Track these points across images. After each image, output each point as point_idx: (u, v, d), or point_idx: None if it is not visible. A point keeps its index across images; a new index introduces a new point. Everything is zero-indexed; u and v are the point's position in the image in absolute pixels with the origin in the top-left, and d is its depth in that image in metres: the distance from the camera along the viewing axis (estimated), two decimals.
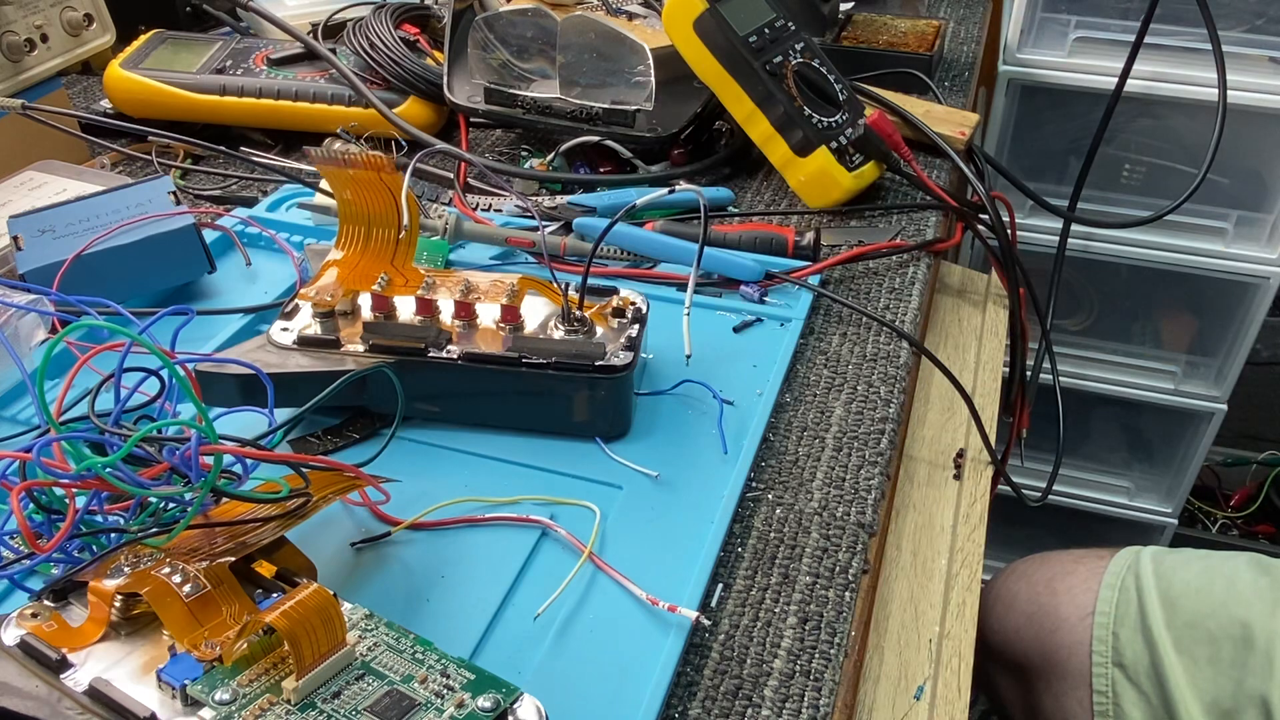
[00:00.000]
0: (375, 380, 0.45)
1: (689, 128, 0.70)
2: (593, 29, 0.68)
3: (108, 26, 0.80)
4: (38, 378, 0.33)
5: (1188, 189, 0.91)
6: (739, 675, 0.38)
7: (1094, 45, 1.09)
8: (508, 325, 0.47)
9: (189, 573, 0.32)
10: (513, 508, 0.43)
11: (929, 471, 0.74)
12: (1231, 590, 0.67)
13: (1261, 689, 0.63)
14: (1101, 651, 0.69)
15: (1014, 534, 1.18)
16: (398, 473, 0.43)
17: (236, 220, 0.61)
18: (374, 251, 0.49)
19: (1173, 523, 1.32)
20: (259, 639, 0.31)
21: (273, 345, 0.46)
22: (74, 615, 0.33)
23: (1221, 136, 0.89)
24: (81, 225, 0.54)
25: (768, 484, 0.46)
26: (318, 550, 0.39)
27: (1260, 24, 1.04)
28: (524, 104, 0.70)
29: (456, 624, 0.38)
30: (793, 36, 0.68)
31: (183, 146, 0.71)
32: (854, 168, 0.66)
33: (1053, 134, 1.18)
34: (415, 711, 0.30)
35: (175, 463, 0.34)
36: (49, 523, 0.35)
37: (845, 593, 0.41)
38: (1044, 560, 0.78)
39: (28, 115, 0.66)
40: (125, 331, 0.34)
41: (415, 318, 0.47)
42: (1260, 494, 1.45)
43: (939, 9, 1.02)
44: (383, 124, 0.71)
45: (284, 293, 0.56)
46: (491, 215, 0.63)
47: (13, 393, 0.49)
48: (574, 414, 0.46)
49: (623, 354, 0.45)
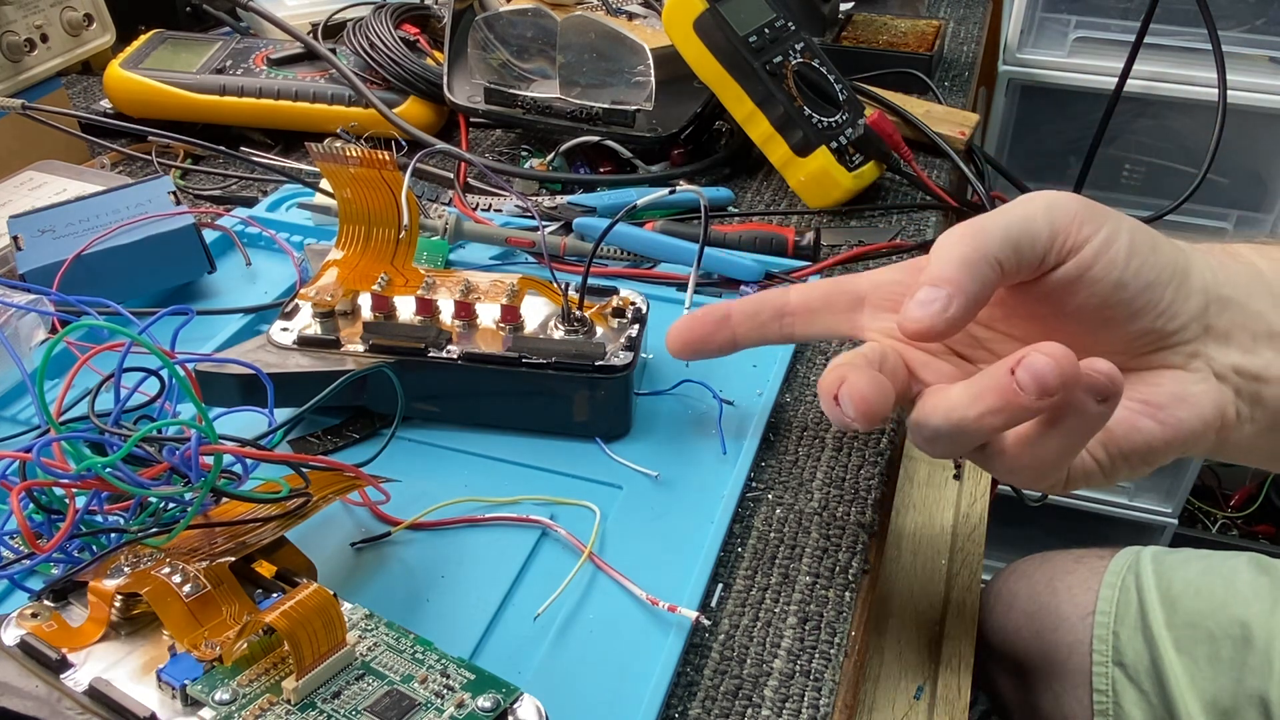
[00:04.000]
0: (375, 380, 0.45)
1: (689, 128, 0.70)
2: (593, 29, 0.68)
3: (108, 26, 0.80)
4: (38, 378, 0.33)
5: (1188, 189, 0.91)
6: (739, 675, 0.38)
7: (1094, 45, 1.09)
8: (508, 325, 0.47)
9: (189, 573, 0.32)
10: (513, 508, 0.43)
11: (929, 471, 0.74)
12: (1231, 590, 0.67)
13: (1261, 688, 0.63)
14: (1102, 651, 0.69)
15: (1014, 534, 1.18)
16: (398, 473, 0.43)
17: (236, 220, 0.61)
18: (374, 251, 0.49)
19: (1173, 523, 1.33)
20: (259, 639, 0.31)
21: (273, 345, 0.46)
22: (74, 615, 0.33)
23: (1221, 136, 0.89)
24: (81, 225, 0.54)
25: (768, 484, 0.46)
26: (318, 550, 0.39)
27: (1260, 24, 1.04)
28: (524, 104, 0.70)
29: (456, 624, 0.38)
30: (793, 36, 0.68)
31: (183, 146, 0.71)
32: (854, 168, 0.66)
33: (1053, 134, 1.18)
34: (415, 711, 0.30)
35: (175, 463, 0.34)
36: (49, 523, 0.35)
37: (845, 593, 0.41)
38: (1044, 560, 0.78)
39: (28, 115, 0.66)
40: (125, 331, 0.34)
41: (415, 318, 0.47)
42: (1260, 494, 1.45)
43: (939, 9, 1.03)
44: (383, 124, 0.71)
45: (284, 293, 0.56)
46: (491, 215, 0.63)
47: (13, 393, 0.49)
48: (574, 414, 0.46)
49: (623, 354, 0.45)
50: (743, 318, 0.42)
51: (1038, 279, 0.36)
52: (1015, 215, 0.36)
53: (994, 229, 0.35)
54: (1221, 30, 0.88)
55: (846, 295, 0.41)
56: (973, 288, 0.34)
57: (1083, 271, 0.36)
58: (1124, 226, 0.36)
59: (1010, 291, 0.38)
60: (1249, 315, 0.38)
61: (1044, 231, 0.35)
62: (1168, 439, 0.37)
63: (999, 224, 0.35)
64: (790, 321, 0.42)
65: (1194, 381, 0.37)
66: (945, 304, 0.34)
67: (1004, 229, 0.35)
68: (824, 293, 0.41)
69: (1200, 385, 0.37)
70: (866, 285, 0.41)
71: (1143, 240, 0.36)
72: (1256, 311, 0.38)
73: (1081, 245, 0.36)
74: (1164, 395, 0.37)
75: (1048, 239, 0.36)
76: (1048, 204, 0.36)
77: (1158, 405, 0.37)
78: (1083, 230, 0.36)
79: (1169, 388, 0.37)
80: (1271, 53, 1.04)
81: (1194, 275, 0.37)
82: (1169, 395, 0.37)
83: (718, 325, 0.42)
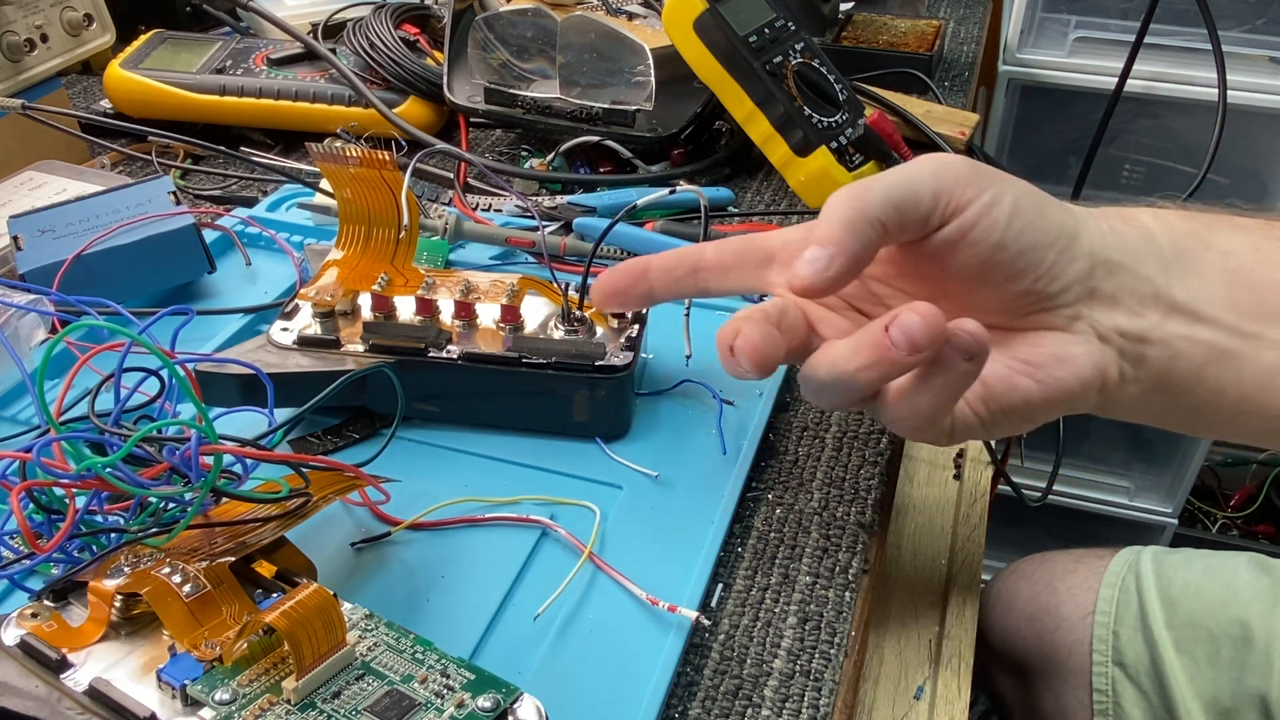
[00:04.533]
0: (375, 380, 0.45)
1: (689, 128, 0.70)
2: (593, 29, 0.68)
3: (108, 26, 0.80)
4: (38, 378, 0.33)
5: (1188, 189, 0.91)
6: (739, 675, 0.38)
7: (1094, 45, 1.09)
8: (508, 325, 0.47)
9: (189, 573, 0.32)
10: (513, 508, 0.43)
11: (929, 471, 0.74)
12: (1231, 590, 0.67)
13: (1261, 688, 0.63)
14: (1102, 651, 0.69)
15: (1014, 534, 1.18)
16: (398, 473, 0.43)
17: (236, 220, 0.61)
18: (374, 251, 0.49)
19: (1173, 523, 1.32)
20: (259, 639, 0.31)
21: (272, 345, 0.46)
22: (74, 615, 0.33)
23: (1221, 136, 0.89)
24: (81, 225, 0.54)
25: (768, 484, 0.46)
26: (318, 550, 0.39)
27: (1260, 24, 1.04)
28: (524, 104, 0.70)
29: (456, 624, 0.38)
30: (793, 36, 0.68)
31: (183, 146, 0.71)
32: (854, 168, 0.66)
33: (1053, 134, 1.18)
34: (415, 711, 0.30)
35: (175, 463, 0.34)
36: (49, 523, 0.35)
37: (845, 593, 0.41)
38: (1044, 560, 0.78)
39: (28, 115, 0.66)
40: (125, 331, 0.34)
41: (415, 318, 0.47)
42: (1260, 494, 1.45)
43: (939, 9, 1.03)
44: (383, 124, 0.71)
45: (284, 293, 0.56)
46: (491, 215, 0.63)
47: (13, 393, 0.49)
48: (574, 414, 0.46)
49: (622, 354, 0.45)
50: (659, 272, 0.43)
51: (924, 239, 0.38)
52: (900, 177, 0.37)
53: (877, 191, 0.36)
54: (1221, 30, 0.88)
55: (758, 252, 0.42)
56: (854, 247, 0.35)
57: (964, 233, 0.37)
58: (1010, 190, 0.37)
59: (900, 250, 0.39)
60: (1137, 279, 0.39)
61: (927, 194, 0.37)
62: (1046, 397, 0.39)
63: (882, 185, 0.36)
64: (705, 277, 0.43)
65: (1075, 343, 0.39)
66: (828, 263, 0.35)
67: (886, 191, 0.36)
68: (736, 250, 0.42)
69: (1081, 346, 0.38)
70: (777, 243, 0.42)
71: (1028, 204, 0.37)
72: (1145, 275, 0.39)
73: (964, 208, 0.37)
74: (1043, 355, 0.39)
75: (930, 201, 0.37)
76: (935, 166, 0.37)
77: (1036, 365, 0.39)
78: (966, 193, 0.37)
79: (1049, 348, 0.39)
80: (1271, 53, 1.04)
81: (1081, 239, 0.38)
82: (1048, 355, 0.39)
83: (636, 278, 0.43)
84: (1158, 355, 0.39)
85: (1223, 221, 0.41)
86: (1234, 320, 0.39)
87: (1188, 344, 0.39)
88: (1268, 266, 0.40)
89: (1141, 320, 0.39)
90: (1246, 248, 0.40)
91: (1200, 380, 0.40)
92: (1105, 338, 0.39)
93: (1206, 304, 0.39)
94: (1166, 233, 0.40)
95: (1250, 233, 0.40)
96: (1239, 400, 0.40)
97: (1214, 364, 0.39)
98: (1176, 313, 0.39)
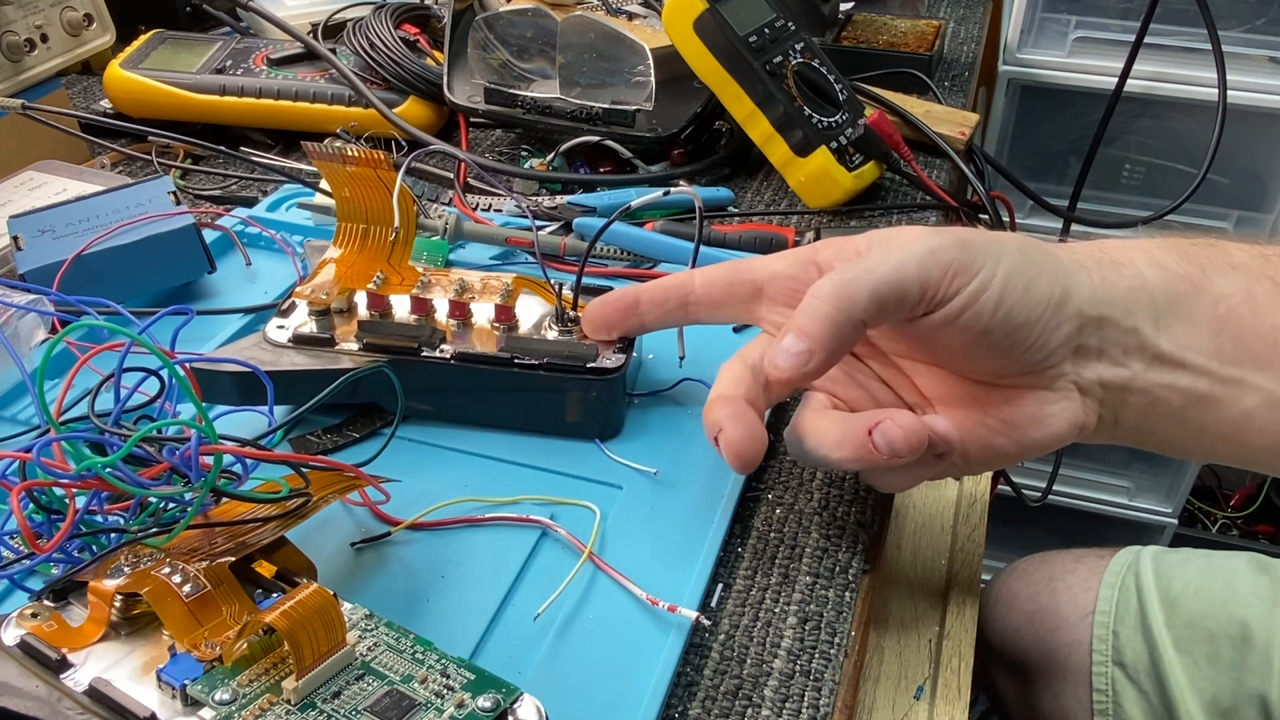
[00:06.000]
0: (373, 378, 0.45)
1: (689, 128, 0.70)
2: (593, 29, 0.68)
3: (108, 26, 0.80)
4: (38, 378, 0.33)
5: (1188, 189, 0.91)
6: (739, 675, 0.38)
7: (1094, 45, 1.09)
8: (502, 325, 0.47)
9: (189, 573, 0.32)
10: (513, 508, 0.43)
11: None
12: (1231, 590, 0.67)
13: (1260, 688, 0.63)
14: (1102, 650, 0.69)
15: (1014, 534, 1.18)
16: (398, 473, 0.43)
17: (236, 220, 0.61)
18: (371, 249, 0.49)
19: (1173, 523, 1.33)
20: (259, 639, 0.31)
21: (268, 343, 0.46)
22: (74, 615, 0.33)
23: (1221, 136, 0.89)
24: (81, 225, 0.54)
25: (768, 484, 0.46)
26: (318, 550, 0.39)
27: (1260, 24, 1.04)
28: (524, 104, 0.70)
29: (456, 624, 0.38)
30: (793, 36, 0.68)
31: (183, 146, 0.71)
32: (854, 168, 0.66)
33: (1053, 134, 1.19)
34: (415, 711, 0.30)
35: (175, 463, 0.34)
36: (49, 523, 0.35)
37: (845, 593, 0.41)
38: (1044, 560, 0.78)
39: (28, 115, 0.66)
40: (125, 331, 0.34)
41: (411, 316, 0.47)
42: (1260, 494, 1.45)
43: (939, 9, 1.02)
44: (383, 124, 0.71)
45: (284, 293, 0.56)
46: (491, 215, 0.63)
47: (13, 393, 0.49)
48: (566, 414, 0.46)
49: (615, 356, 0.45)
50: (650, 305, 0.45)
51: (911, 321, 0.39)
52: (888, 272, 0.37)
53: (864, 288, 0.37)
54: (1221, 30, 0.88)
55: (745, 286, 0.43)
56: (834, 344, 0.37)
57: (949, 321, 0.38)
58: (999, 270, 0.37)
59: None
60: (1124, 332, 0.39)
61: (914, 289, 0.37)
62: (1020, 452, 0.41)
63: (870, 283, 0.37)
64: (695, 310, 0.44)
65: (1054, 400, 0.40)
66: (807, 359, 0.37)
67: (874, 289, 0.37)
68: (724, 284, 0.44)
69: (1059, 404, 0.40)
70: (764, 275, 0.43)
71: (1016, 284, 0.38)
72: (1132, 327, 0.39)
73: (950, 298, 0.37)
74: (1021, 416, 0.40)
75: (917, 294, 0.37)
76: (923, 255, 0.37)
77: (1014, 425, 0.40)
78: (953, 284, 0.37)
79: (1028, 408, 0.40)
80: (1271, 53, 1.04)
81: (1071, 301, 0.39)
82: (1026, 416, 0.40)
83: (627, 312, 0.45)
84: (1137, 401, 0.40)
85: (1219, 260, 0.41)
86: (1216, 367, 0.39)
87: (1168, 391, 0.40)
88: (1256, 312, 0.40)
89: (1124, 370, 0.40)
90: (1239, 293, 0.40)
91: (1179, 421, 0.40)
92: (1086, 390, 0.40)
93: (1192, 352, 0.39)
94: (1160, 278, 0.40)
95: (1243, 274, 0.41)
96: (1216, 439, 0.41)
97: (1192, 407, 0.40)
98: (1160, 362, 0.39)
